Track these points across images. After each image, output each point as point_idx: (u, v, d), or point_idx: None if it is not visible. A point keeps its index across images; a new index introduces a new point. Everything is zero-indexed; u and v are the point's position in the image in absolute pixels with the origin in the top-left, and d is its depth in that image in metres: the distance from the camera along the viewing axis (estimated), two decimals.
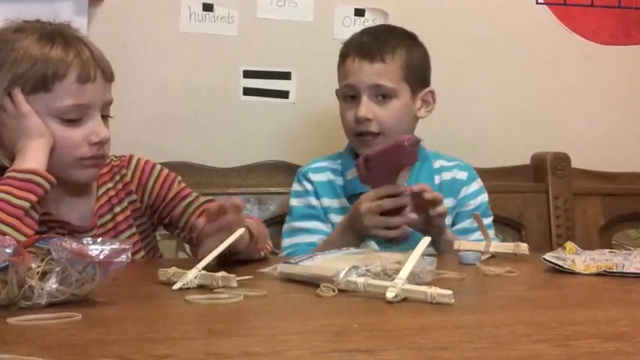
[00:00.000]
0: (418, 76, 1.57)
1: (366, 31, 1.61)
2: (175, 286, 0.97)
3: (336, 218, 1.55)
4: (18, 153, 1.20)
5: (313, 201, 1.58)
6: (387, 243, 1.41)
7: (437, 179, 1.59)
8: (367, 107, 1.51)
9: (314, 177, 1.59)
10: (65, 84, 1.20)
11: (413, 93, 1.56)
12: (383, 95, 1.53)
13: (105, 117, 1.27)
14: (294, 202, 1.60)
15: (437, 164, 1.61)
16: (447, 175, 1.60)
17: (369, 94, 1.52)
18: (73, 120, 1.22)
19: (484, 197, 1.61)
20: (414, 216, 1.39)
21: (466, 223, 1.56)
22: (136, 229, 1.36)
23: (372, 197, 1.38)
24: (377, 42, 1.54)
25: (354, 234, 1.43)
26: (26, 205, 1.15)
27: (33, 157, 1.19)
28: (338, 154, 1.65)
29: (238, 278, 0.97)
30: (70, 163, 1.24)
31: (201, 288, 0.97)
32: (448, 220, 1.55)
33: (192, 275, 0.99)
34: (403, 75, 1.54)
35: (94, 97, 1.23)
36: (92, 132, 1.23)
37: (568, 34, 2.04)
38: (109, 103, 1.27)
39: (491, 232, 1.51)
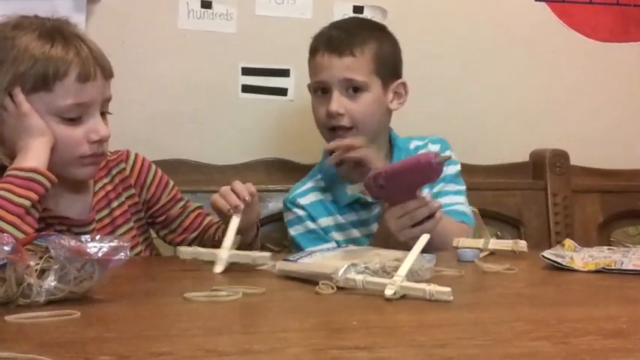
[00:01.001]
0: (389, 68, 1.56)
1: (335, 25, 1.60)
2: (217, 270, 1.03)
3: (337, 236, 1.54)
4: (19, 152, 1.20)
5: (310, 225, 1.56)
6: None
7: None
8: (338, 102, 1.50)
9: (303, 201, 1.56)
10: (66, 83, 1.20)
11: (384, 85, 1.54)
12: (354, 89, 1.51)
13: (103, 113, 1.27)
14: (292, 231, 1.58)
15: (412, 145, 1.61)
16: (422, 152, 1.58)
17: (340, 89, 1.51)
18: (73, 118, 1.22)
19: (457, 167, 1.59)
20: (440, 214, 1.35)
21: (435, 189, 1.54)
22: (134, 223, 1.37)
23: (399, 214, 1.34)
24: (346, 35, 1.52)
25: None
26: (27, 203, 1.15)
27: (34, 155, 1.19)
28: (316, 170, 1.63)
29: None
30: (71, 161, 1.24)
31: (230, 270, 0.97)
32: (428, 194, 1.52)
33: (225, 254, 1.06)
34: (374, 68, 1.52)
35: (94, 96, 1.23)
36: (92, 130, 1.24)
37: (567, 32, 2.04)
38: (108, 100, 1.28)
39: (462, 198, 1.53)
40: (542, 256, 1.16)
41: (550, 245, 1.71)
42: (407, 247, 1.29)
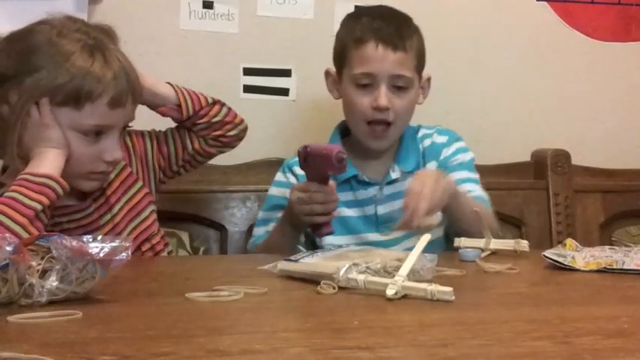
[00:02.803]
0: (423, 63, 1.55)
1: (371, 14, 1.54)
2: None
3: None
4: (34, 158, 1.21)
5: None
6: (313, 233, 1.43)
7: (421, 147, 1.59)
8: (387, 97, 1.48)
9: (299, 171, 1.53)
10: (96, 106, 1.21)
11: (419, 81, 1.54)
12: (401, 85, 1.49)
13: (124, 127, 1.29)
14: (273, 190, 1.59)
15: (420, 133, 1.60)
16: (427, 141, 1.59)
17: (388, 83, 1.48)
18: (92, 136, 1.24)
19: (469, 155, 1.59)
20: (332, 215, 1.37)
21: (454, 176, 1.52)
22: (129, 195, 1.37)
23: (303, 188, 1.38)
24: (396, 28, 1.49)
25: (288, 223, 1.43)
26: (38, 207, 1.15)
27: (49, 164, 1.20)
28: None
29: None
30: (80, 174, 1.26)
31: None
32: None
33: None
34: (416, 64, 1.52)
35: (119, 120, 1.26)
36: (107, 150, 1.25)
37: (568, 31, 2.04)
38: (130, 121, 1.30)
39: (478, 188, 1.53)
40: (544, 255, 1.15)
41: (551, 245, 1.71)
42: (299, 221, 1.38)
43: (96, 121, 1.22)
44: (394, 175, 1.54)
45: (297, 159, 1.54)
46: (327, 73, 1.59)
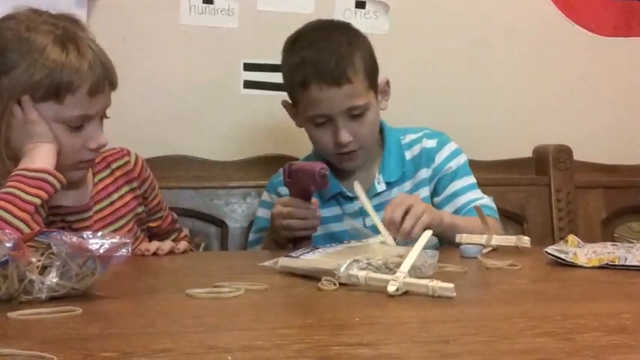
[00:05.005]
0: (374, 73, 1.51)
1: (315, 46, 1.46)
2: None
3: None
4: (25, 155, 1.21)
5: None
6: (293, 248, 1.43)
7: (408, 155, 1.56)
8: (346, 130, 1.46)
9: (284, 191, 1.52)
10: (76, 96, 1.21)
11: (375, 93, 1.51)
12: (357, 113, 1.46)
13: (101, 117, 1.29)
14: (260, 212, 1.60)
15: (407, 139, 1.58)
16: (417, 148, 1.57)
17: (344, 117, 1.46)
18: (76, 126, 1.24)
19: (463, 157, 1.57)
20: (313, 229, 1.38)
21: (450, 190, 1.53)
22: (133, 216, 1.39)
23: (285, 203, 1.38)
24: (335, 60, 1.43)
25: (272, 237, 1.44)
26: (37, 201, 1.16)
27: (43, 158, 1.20)
28: (306, 158, 1.63)
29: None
30: (68, 165, 1.26)
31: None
32: (426, 192, 1.53)
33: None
34: (368, 83, 1.47)
35: (100, 108, 1.26)
36: (91, 138, 1.25)
37: (570, 26, 2.04)
38: (108, 107, 1.29)
39: (477, 192, 1.53)
40: (546, 252, 1.15)
41: (553, 241, 1.70)
42: (279, 234, 1.39)
43: (79, 112, 1.22)
44: (379, 187, 1.53)
45: (281, 178, 1.54)
46: (285, 104, 1.58)
